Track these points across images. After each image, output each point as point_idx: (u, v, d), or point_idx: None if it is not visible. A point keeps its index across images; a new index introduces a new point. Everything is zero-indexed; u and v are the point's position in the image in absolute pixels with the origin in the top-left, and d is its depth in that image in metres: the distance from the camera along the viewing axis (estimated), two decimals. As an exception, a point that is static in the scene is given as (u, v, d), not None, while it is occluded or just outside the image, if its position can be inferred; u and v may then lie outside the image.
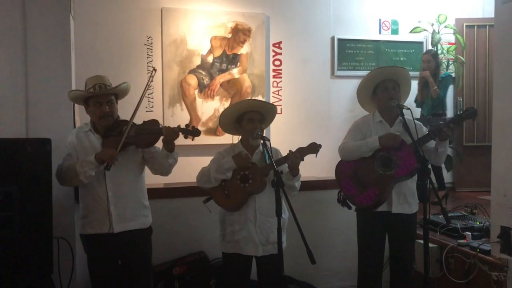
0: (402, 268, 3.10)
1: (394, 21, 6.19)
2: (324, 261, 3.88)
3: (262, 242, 2.86)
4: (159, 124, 2.76)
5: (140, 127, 2.72)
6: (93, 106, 2.73)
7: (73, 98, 2.83)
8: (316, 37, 5.78)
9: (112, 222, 2.69)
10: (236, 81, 5.47)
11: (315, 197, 3.97)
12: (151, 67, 5.17)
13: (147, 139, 2.70)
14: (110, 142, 2.69)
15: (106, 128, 2.76)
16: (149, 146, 2.75)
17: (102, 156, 2.59)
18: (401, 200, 3.02)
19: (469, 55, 6.26)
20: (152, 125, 2.75)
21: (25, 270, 2.47)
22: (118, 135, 2.69)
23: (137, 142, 2.71)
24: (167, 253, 3.60)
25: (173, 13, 5.24)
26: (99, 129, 2.78)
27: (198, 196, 3.10)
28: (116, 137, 2.69)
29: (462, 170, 6.19)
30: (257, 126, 2.88)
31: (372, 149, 2.99)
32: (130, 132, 2.68)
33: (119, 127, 2.74)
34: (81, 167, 2.60)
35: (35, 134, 3.08)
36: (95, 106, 2.72)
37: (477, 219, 3.85)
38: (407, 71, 3.18)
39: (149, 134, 2.70)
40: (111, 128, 2.75)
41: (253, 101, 2.98)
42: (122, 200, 2.74)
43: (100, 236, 2.71)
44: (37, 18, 3.17)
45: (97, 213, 2.71)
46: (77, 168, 2.60)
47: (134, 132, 2.69)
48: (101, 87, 2.69)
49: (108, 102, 2.74)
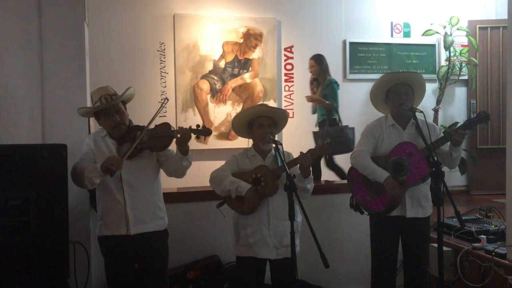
0: (416, 272, 3.08)
1: (406, 23, 6.17)
2: (337, 265, 3.87)
3: (276, 245, 2.87)
4: (171, 127, 2.77)
5: (152, 131, 2.75)
6: (103, 118, 2.75)
7: (83, 114, 2.86)
8: (327, 40, 5.79)
9: (129, 224, 2.72)
10: (248, 86, 5.50)
11: (327, 201, 3.96)
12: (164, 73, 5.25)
13: (160, 142, 2.72)
14: (125, 148, 2.72)
15: (120, 136, 2.79)
16: (163, 149, 2.77)
17: (106, 164, 2.59)
18: (414, 204, 3.01)
19: (482, 57, 6.21)
20: (164, 128, 2.77)
21: (41, 274, 2.50)
22: (132, 140, 2.72)
23: (151, 146, 2.74)
24: (181, 257, 3.62)
25: (185, 19, 5.30)
26: (115, 137, 2.81)
27: (211, 200, 3.11)
28: (130, 143, 2.72)
29: (476, 173, 6.13)
30: (266, 131, 2.90)
31: (375, 179, 3.00)
32: (143, 137, 2.71)
33: (133, 133, 2.77)
34: (89, 172, 2.63)
35: (51, 140, 3.13)
36: (105, 118, 2.74)
37: (492, 222, 3.81)
38: (420, 75, 3.16)
39: (162, 137, 2.72)
40: (125, 134, 2.78)
41: (262, 107, 2.99)
42: (138, 203, 2.76)
43: (117, 238, 2.73)
44: (53, 26, 3.22)
45: (113, 215, 2.73)
46: (85, 173, 2.63)
47: (147, 136, 2.71)
48: (107, 99, 2.71)
49: (117, 111, 2.75)
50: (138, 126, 2.81)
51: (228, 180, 2.88)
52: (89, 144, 2.82)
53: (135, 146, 2.68)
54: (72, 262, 2.77)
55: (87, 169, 2.63)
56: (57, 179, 2.57)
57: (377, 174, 2.98)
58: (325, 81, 5.05)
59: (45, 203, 2.48)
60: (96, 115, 2.79)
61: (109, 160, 2.59)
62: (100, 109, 2.73)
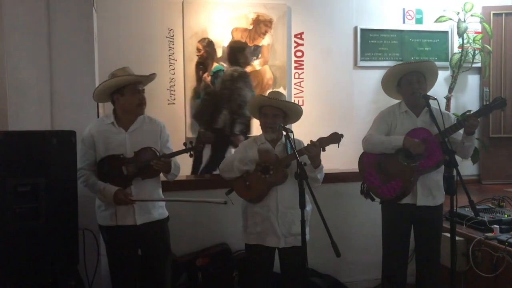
0: (428, 261, 3.05)
1: (418, 10, 6.06)
2: (348, 254, 3.83)
3: (284, 234, 2.85)
4: (153, 150, 2.77)
5: (138, 164, 2.73)
6: (130, 94, 2.74)
7: (105, 89, 2.78)
8: (338, 27, 5.70)
9: (135, 215, 2.77)
10: (257, 73, 5.45)
11: (338, 189, 3.93)
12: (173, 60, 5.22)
13: (150, 172, 2.75)
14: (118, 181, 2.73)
15: (131, 121, 2.80)
16: (154, 176, 2.81)
17: (118, 200, 2.68)
18: (425, 192, 2.98)
19: (496, 44, 6.08)
20: (146, 156, 2.74)
21: (51, 261, 2.51)
22: (120, 175, 2.72)
23: (142, 175, 2.76)
24: (190, 244, 3.62)
25: (194, 5, 5.24)
26: (124, 122, 2.81)
27: (220, 188, 3.11)
28: (120, 178, 2.73)
29: (488, 162, 6.05)
30: (268, 121, 2.89)
31: (394, 147, 2.96)
32: (132, 168, 2.73)
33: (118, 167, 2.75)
34: (102, 195, 2.73)
35: (60, 127, 3.12)
36: (132, 94, 2.74)
37: (505, 212, 3.76)
38: (432, 62, 3.11)
39: (149, 167, 2.73)
40: (113, 166, 2.75)
41: (270, 100, 2.94)
42: (144, 195, 2.80)
43: (120, 228, 2.77)
44: (61, 12, 3.20)
45: (121, 206, 2.75)
46: (97, 192, 2.74)
47: (136, 168, 2.73)
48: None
49: (143, 90, 2.80)
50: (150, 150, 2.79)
51: (237, 160, 2.89)
52: (90, 138, 2.79)
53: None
54: (81, 248, 2.78)
55: (101, 191, 2.72)
56: (66, 166, 2.57)
57: (394, 142, 2.96)
58: (212, 67, 4.88)
59: (54, 189, 2.48)
60: (119, 91, 2.75)
61: (121, 200, 2.67)
62: (135, 81, 2.75)
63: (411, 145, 2.89)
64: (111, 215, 2.76)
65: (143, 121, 2.85)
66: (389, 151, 2.98)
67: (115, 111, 2.83)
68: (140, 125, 2.83)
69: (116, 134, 2.78)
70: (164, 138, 2.91)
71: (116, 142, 2.76)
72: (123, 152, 2.75)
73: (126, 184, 2.73)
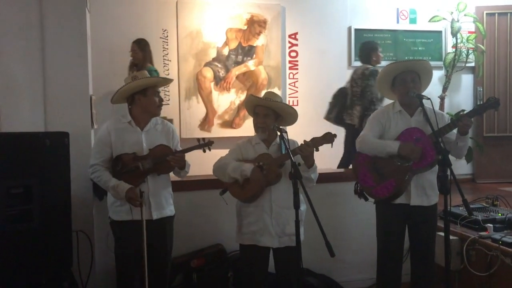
0: (423, 260, 3.06)
1: (412, 10, 6.08)
2: (342, 254, 3.83)
3: (278, 234, 2.85)
4: (168, 147, 2.93)
5: (154, 159, 2.85)
6: (152, 95, 2.89)
7: (141, 86, 2.88)
8: (332, 27, 5.70)
9: (152, 210, 2.86)
10: (252, 73, 5.45)
11: (332, 189, 3.93)
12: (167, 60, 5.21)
13: (165, 168, 2.90)
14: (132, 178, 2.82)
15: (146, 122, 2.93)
16: (168, 172, 2.97)
17: (129, 199, 2.75)
18: (419, 192, 2.98)
19: (489, 44, 6.12)
20: (163, 152, 2.88)
21: (45, 263, 2.50)
22: (135, 171, 2.82)
23: (157, 171, 2.89)
24: (185, 245, 3.60)
25: (188, 5, 5.23)
26: (140, 121, 2.92)
27: (215, 188, 3.10)
28: (135, 172, 2.82)
29: (482, 161, 6.08)
30: (260, 120, 2.90)
31: (388, 153, 2.95)
32: (147, 164, 2.83)
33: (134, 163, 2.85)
34: (115, 191, 2.77)
35: (53, 128, 3.10)
36: (154, 95, 2.90)
37: (498, 211, 3.77)
38: (426, 61, 3.11)
39: (164, 162, 2.86)
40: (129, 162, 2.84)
41: (254, 98, 3.00)
42: (158, 191, 2.91)
43: (133, 223, 2.81)
44: (54, 12, 3.18)
45: None
46: (111, 188, 2.78)
47: (152, 163, 2.84)
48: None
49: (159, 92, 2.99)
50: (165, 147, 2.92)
51: (231, 167, 2.87)
52: (106, 136, 2.87)
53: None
54: (75, 251, 2.77)
55: (113, 187, 2.78)
56: (59, 167, 2.56)
57: (389, 147, 2.96)
58: (144, 68, 4.75)
59: (47, 191, 2.47)
60: (142, 92, 2.87)
61: (131, 198, 2.74)
62: (160, 82, 3.02)
63: (407, 153, 2.89)
64: (127, 210, 2.82)
65: (156, 122, 2.99)
66: (383, 156, 2.99)
67: (131, 111, 2.94)
68: (154, 125, 2.98)
69: (132, 133, 2.90)
70: (176, 139, 3.07)
71: (133, 140, 2.88)
72: (139, 149, 2.88)
73: (141, 179, 2.83)
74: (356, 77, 4.77)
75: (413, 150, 2.87)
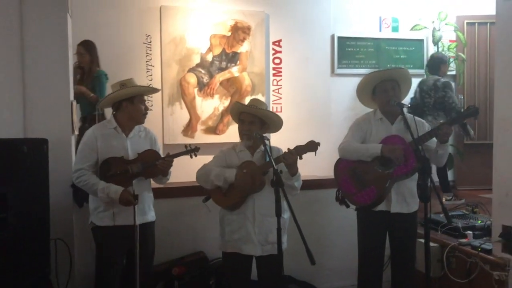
0: (403, 267, 3.08)
1: (394, 18, 6.15)
2: (324, 261, 3.85)
3: (261, 242, 2.84)
4: (157, 152, 3.02)
5: (144, 163, 2.91)
6: (139, 103, 2.95)
7: (128, 94, 2.91)
8: (316, 35, 5.73)
9: (135, 215, 2.84)
10: (235, 80, 5.44)
11: (315, 196, 3.94)
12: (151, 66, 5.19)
13: (153, 172, 2.96)
14: (120, 181, 2.84)
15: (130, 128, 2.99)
16: (155, 176, 3.02)
17: (124, 201, 2.79)
18: (399, 199, 3.01)
19: (470, 53, 6.21)
20: (152, 156, 2.95)
21: (21, 272, 2.44)
22: (123, 175, 2.86)
23: (145, 175, 2.96)
24: (167, 253, 3.57)
25: (172, 11, 5.21)
26: (125, 128, 2.97)
27: (198, 195, 3.09)
28: (123, 175, 2.86)
29: (463, 168, 6.15)
30: (244, 128, 2.90)
31: (372, 155, 2.98)
32: (136, 168, 2.89)
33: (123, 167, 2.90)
34: (104, 193, 2.78)
35: (33, 134, 3.06)
36: (141, 103, 2.96)
37: (478, 218, 3.82)
38: (406, 70, 3.17)
39: (153, 167, 2.92)
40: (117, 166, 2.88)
41: (240, 105, 3.01)
42: (142, 196, 2.92)
43: (115, 228, 2.85)
44: (34, 17, 3.15)
45: (122, 207, 2.83)
46: (100, 190, 2.78)
47: (141, 167, 2.90)
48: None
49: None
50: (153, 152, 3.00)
51: (214, 174, 2.86)
52: (93, 141, 2.89)
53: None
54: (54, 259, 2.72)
55: (102, 190, 2.78)
56: (37, 175, 2.52)
57: (371, 150, 2.98)
58: (93, 71, 4.71)
59: (24, 199, 2.43)
60: (130, 99, 2.92)
61: (127, 200, 2.77)
62: (148, 91, 3.16)
63: (390, 152, 2.91)
64: (110, 215, 2.85)
65: (139, 129, 3.06)
66: (366, 159, 3.01)
67: (116, 117, 2.98)
68: (138, 132, 3.04)
69: (118, 139, 2.94)
70: (158, 147, 3.13)
71: (119, 146, 2.92)
72: (125, 155, 2.92)
73: (128, 183, 2.86)
74: (427, 89, 5.05)
75: (395, 150, 2.89)
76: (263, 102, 3.05)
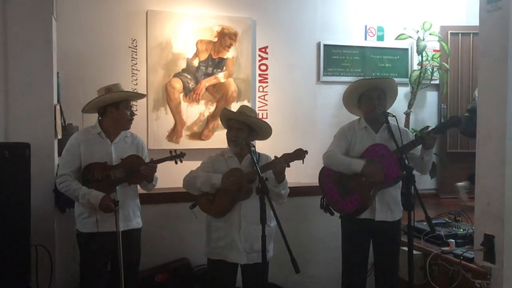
0: (386, 275, 3.10)
1: (379, 27, 6.21)
2: (309, 268, 3.85)
3: (247, 250, 2.83)
4: (140, 157, 2.98)
5: (126, 169, 2.88)
6: (125, 109, 2.94)
7: (114, 99, 2.89)
8: (302, 42, 5.76)
9: (117, 222, 2.82)
10: (221, 85, 5.43)
11: (300, 203, 3.94)
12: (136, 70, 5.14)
13: (137, 178, 2.93)
14: (103, 187, 2.83)
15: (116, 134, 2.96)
16: (139, 182, 3.00)
17: (104, 207, 2.76)
18: (384, 207, 3.03)
19: (453, 62, 6.31)
20: (135, 162, 2.92)
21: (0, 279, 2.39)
22: (106, 180, 2.85)
23: (128, 181, 2.93)
24: (150, 259, 3.54)
25: (158, 16, 5.19)
26: (110, 133, 2.94)
27: (183, 202, 3.07)
28: (105, 181, 2.84)
29: (445, 177, 6.21)
30: (232, 134, 2.90)
31: (353, 171, 2.99)
32: (119, 174, 2.87)
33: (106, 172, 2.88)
34: (86, 199, 2.76)
35: (15, 139, 3.02)
36: (126, 109, 2.94)
37: (460, 226, 3.86)
38: (392, 80, 3.19)
39: (136, 173, 2.90)
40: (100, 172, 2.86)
41: (228, 112, 3.01)
42: (126, 202, 2.93)
43: (100, 235, 2.82)
44: (18, 19, 3.11)
45: (104, 214, 2.80)
46: (81, 196, 2.76)
47: (124, 173, 2.88)
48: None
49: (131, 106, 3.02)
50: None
51: (200, 180, 2.84)
52: (76, 146, 2.87)
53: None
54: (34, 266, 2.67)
55: (83, 195, 2.77)
56: (18, 180, 2.48)
57: (354, 165, 2.99)
58: None
59: (4, 204, 2.37)
60: (115, 105, 2.89)
61: (107, 206, 2.74)
62: (134, 96, 3.13)
63: (370, 175, 2.93)
64: (93, 221, 2.81)
65: (125, 135, 3.03)
66: (348, 172, 3.02)
67: (101, 123, 2.95)
68: (123, 138, 3.02)
69: (102, 144, 2.93)
70: (145, 153, 3.11)
71: (102, 151, 2.91)
72: (108, 161, 2.90)
73: (111, 189, 2.83)
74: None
75: (375, 173, 2.91)
76: (253, 110, 3.06)
